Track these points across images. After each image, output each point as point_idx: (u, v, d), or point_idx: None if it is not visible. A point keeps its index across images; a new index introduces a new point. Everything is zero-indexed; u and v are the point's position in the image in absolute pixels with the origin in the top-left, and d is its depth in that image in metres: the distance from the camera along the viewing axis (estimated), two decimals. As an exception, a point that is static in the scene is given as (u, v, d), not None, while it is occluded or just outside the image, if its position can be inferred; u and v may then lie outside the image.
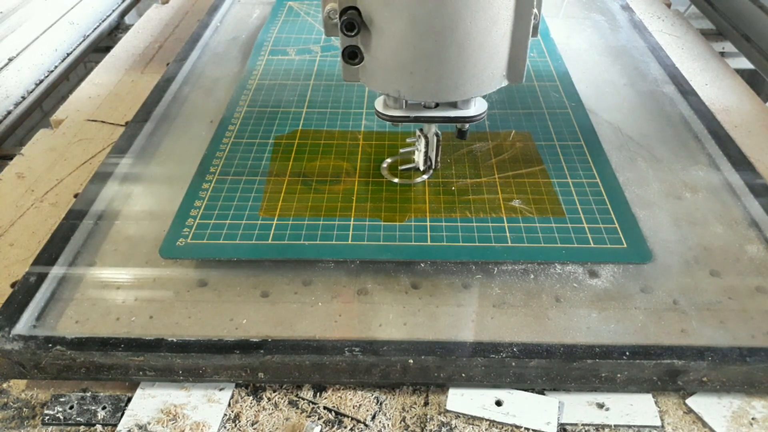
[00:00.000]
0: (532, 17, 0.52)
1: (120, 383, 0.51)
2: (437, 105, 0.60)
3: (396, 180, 0.66)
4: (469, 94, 0.56)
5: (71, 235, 0.60)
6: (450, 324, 0.52)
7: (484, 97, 0.60)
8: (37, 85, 0.98)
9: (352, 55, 0.55)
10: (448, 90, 0.55)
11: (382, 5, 0.51)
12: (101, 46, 1.16)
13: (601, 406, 0.49)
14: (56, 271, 0.57)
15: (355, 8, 0.52)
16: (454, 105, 0.60)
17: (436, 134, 0.64)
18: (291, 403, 0.49)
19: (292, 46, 0.95)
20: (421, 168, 0.66)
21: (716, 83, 0.89)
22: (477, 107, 0.60)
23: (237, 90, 0.83)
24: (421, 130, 0.64)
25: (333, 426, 0.47)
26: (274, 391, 0.50)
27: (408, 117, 0.60)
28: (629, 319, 0.52)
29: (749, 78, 1.01)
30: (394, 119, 0.61)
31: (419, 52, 0.52)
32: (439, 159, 0.66)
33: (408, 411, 0.49)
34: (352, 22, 0.51)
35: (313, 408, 0.49)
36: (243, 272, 0.57)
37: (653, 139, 0.74)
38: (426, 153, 0.65)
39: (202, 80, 0.88)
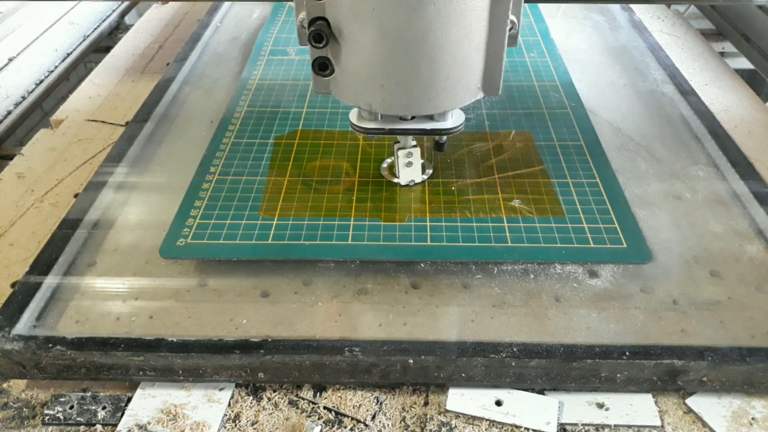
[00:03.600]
0: (507, 28, 0.51)
1: (120, 383, 0.51)
2: (413, 117, 0.58)
3: (396, 180, 0.66)
4: (443, 107, 0.54)
5: (71, 235, 0.60)
6: (450, 324, 0.52)
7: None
8: (37, 85, 0.98)
9: (322, 67, 0.53)
10: (420, 103, 0.53)
11: (351, 16, 0.49)
12: (101, 46, 1.16)
13: (601, 406, 0.49)
14: (56, 271, 0.57)
15: (324, 19, 0.50)
16: (430, 117, 0.58)
17: (414, 146, 0.63)
18: (291, 403, 0.49)
19: (292, 46, 0.95)
20: (419, 180, 0.66)
21: (716, 83, 0.89)
22: (454, 119, 0.59)
23: (237, 90, 0.83)
24: (397, 143, 0.63)
25: (333, 426, 0.47)
26: (274, 391, 0.50)
27: (383, 129, 0.59)
28: (629, 319, 0.52)
29: (749, 78, 1.01)
30: (368, 131, 0.59)
31: (389, 65, 0.51)
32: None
33: (408, 411, 0.49)
34: (319, 33, 0.50)
35: (313, 408, 0.49)
36: (243, 272, 0.57)
37: (653, 139, 0.74)
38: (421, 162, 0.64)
39: (202, 80, 0.88)
